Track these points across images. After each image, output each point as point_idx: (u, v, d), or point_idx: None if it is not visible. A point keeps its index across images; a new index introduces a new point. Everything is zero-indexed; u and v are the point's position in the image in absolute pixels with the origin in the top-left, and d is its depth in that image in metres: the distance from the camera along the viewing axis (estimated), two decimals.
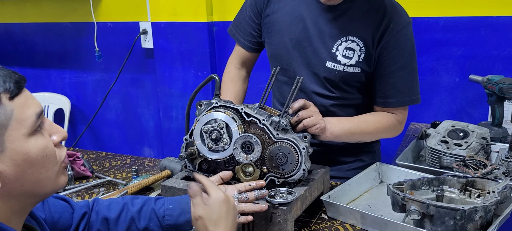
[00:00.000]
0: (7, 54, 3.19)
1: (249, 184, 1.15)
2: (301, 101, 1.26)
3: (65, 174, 0.83)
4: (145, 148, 3.00)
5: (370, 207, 1.33)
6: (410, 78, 1.42)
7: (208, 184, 1.02)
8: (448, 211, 1.09)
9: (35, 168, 0.75)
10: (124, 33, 2.77)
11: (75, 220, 1.03)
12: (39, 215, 0.91)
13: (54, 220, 0.98)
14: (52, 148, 0.78)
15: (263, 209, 1.09)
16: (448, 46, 2.13)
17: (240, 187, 1.14)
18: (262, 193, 1.12)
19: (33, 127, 0.75)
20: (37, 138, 0.76)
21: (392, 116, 1.45)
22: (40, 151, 0.75)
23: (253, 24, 1.54)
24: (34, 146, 0.75)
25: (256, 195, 1.11)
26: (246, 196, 1.11)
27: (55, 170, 0.79)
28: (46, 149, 0.77)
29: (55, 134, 0.80)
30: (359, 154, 1.57)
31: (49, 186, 0.79)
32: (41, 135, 0.77)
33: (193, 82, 2.61)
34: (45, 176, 0.77)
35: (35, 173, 0.75)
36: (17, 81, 0.75)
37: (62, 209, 1.01)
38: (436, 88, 2.20)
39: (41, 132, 0.77)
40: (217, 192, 0.99)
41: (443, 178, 1.25)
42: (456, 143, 1.53)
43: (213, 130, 1.20)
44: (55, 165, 0.78)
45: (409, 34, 1.39)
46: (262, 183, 1.16)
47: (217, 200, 0.98)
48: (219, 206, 0.97)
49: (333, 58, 1.40)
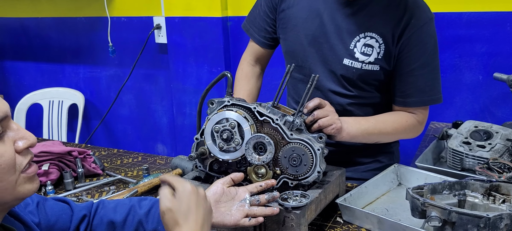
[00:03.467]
0: (23, 49, 3.22)
1: (260, 184, 1.11)
2: (317, 100, 1.22)
3: (33, 181, 0.78)
4: (159, 145, 3.00)
5: (387, 211, 1.29)
6: (432, 76, 1.38)
7: (174, 180, 0.96)
8: (471, 219, 1.04)
9: None
10: (138, 28, 2.77)
11: (74, 223, 1.00)
12: (31, 219, 0.88)
13: (50, 223, 0.96)
14: (9, 157, 0.74)
15: (275, 212, 1.06)
16: (472, 43, 2.09)
17: (251, 188, 1.10)
18: (274, 195, 1.08)
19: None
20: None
21: (412, 116, 1.41)
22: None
23: (268, 20, 1.51)
24: None
25: (267, 198, 1.08)
26: (258, 199, 1.07)
27: (11, 180, 0.74)
28: (1, 158, 0.72)
29: (20, 140, 0.76)
30: (377, 155, 1.54)
31: (6, 196, 0.74)
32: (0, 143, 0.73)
33: (207, 78, 2.60)
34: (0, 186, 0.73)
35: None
36: None
37: (60, 211, 0.98)
38: (458, 86, 2.16)
39: (0, 140, 0.73)
40: (184, 184, 0.93)
41: (466, 182, 1.21)
42: (479, 145, 1.49)
43: (225, 130, 1.17)
44: (11, 175, 0.74)
45: (432, 30, 1.35)
46: (273, 182, 1.13)
47: (185, 191, 0.92)
48: (188, 196, 0.91)
49: (350, 55, 1.36)
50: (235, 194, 1.08)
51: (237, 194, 1.08)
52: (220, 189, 1.06)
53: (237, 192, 1.08)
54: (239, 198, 1.07)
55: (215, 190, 1.06)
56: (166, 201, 0.91)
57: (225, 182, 1.08)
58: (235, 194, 1.08)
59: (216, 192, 1.06)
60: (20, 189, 0.75)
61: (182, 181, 0.95)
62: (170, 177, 0.98)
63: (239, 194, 1.08)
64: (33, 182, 0.78)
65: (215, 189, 1.06)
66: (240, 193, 1.08)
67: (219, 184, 1.07)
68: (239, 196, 1.07)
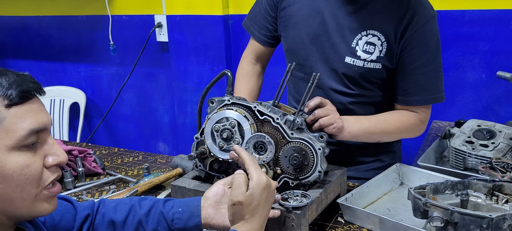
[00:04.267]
0: (24, 47, 3.21)
1: None
2: (318, 99, 1.21)
3: (51, 202, 0.77)
4: (160, 143, 2.99)
5: (389, 210, 1.28)
6: (434, 75, 1.36)
7: (249, 162, 0.95)
8: (474, 219, 1.03)
9: (8, 183, 0.71)
10: (139, 27, 2.76)
11: (78, 222, 0.99)
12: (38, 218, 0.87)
13: (55, 222, 0.95)
14: (37, 170, 0.73)
15: (276, 215, 1.05)
16: (475, 41, 2.07)
17: None
18: (274, 197, 1.06)
19: (21, 142, 0.71)
20: (22, 154, 0.72)
21: (414, 115, 1.40)
22: (18, 168, 0.71)
23: (268, 18, 1.50)
24: (14, 161, 0.71)
25: None
26: None
27: (32, 192, 0.73)
28: (27, 168, 0.72)
29: (52, 156, 0.76)
30: (379, 154, 1.53)
31: (23, 208, 0.74)
32: (30, 152, 0.73)
33: (208, 77, 2.59)
34: (19, 196, 0.72)
35: (7, 189, 0.71)
36: (25, 91, 0.71)
37: (64, 210, 0.97)
38: (460, 85, 2.14)
39: (33, 150, 0.73)
40: (259, 175, 0.92)
41: (468, 182, 1.20)
42: (482, 144, 1.48)
43: (225, 129, 1.16)
44: (34, 188, 0.73)
45: (434, 28, 1.34)
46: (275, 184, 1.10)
47: (259, 185, 0.91)
48: (261, 192, 0.91)
49: (352, 53, 1.35)
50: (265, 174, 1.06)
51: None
52: (221, 190, 1.05)
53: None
54: None
55: (216, 191, 1.05)
56: (239, 194, 0.91)
57: (226, 183, 1.07)
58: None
59: (217, 193, 1.04)
60: (37, 205, 0.75)
61: (258, 168, 0.94)
62: (245, 155, 0.97)
63: None
64: (51, 202, 0.78)
65: (216, 190, 1.05)
66: None
67: (220, 185, 1.06)
68: None
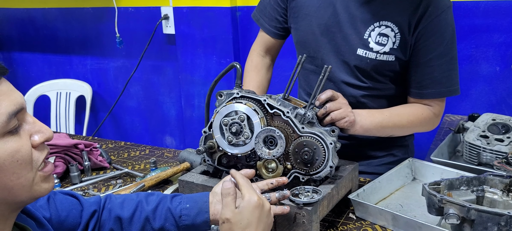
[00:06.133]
0: (30, 40, 3.20)
1: (271, 182, 1.07)
2: (329, 92, 1.18)
3: (49, 180, 0.74)
4: (167, 137, 2.97)
5: (402, 206, 1.25)
6: (449, 67, 1.33)
7: (243, 183, 0.94)
8: (492, 216, 1.00)
9: (3, 174, 0.67)
10: (145, 19, 2.74)
11: (84, 219, 0.97)
12: (43, 214, 0.85)
13: (61, 218, 0.93)
14: (27, 152, 0.69)
15: (285, 211, 1.02)
16: (489, 33, 2.04)
17: (262, 185, 1.07)
18: (284, 194, 1.04)
19: (3, 129, 0.66)
20: (7, 141, 0.67)
21: (428, 108, 1.37)
22: (8, 155, 0.67)
23: (278, 9, 1.47)
24: (2, 149, 0.66)
25: (278, 197, 1.04)
26: (269, 197, 1.04)
27: (29, 177, 0.70)
28: (17, 153, 0.68)
29: (37, 134, 0.72)
30: (391, 148, 1.50)
31: (23, 194, 0.70)
32: (15, 136, 0.68)
33: (216, 69, 2.56)
34: (16, 183, 0.68)
35: (3, 179, 0.67)
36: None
37: (70, 206, 0.95)
38: (474, 77, 2.11)
39: (16, 133, 0.68)
40: (251, 195, 0.91)
41: (484, 178, 1.17)
42: (497, 138, 1.45)
43: (234, 123, 1.13)
44: (29, 171, 0.70)
45: (449, 19, 1.30)
46: (284, 180, 1.09)
47: (250, 204, 0.90)
48: (251, 211, 0.90)
49: (365, 45, 1.32)
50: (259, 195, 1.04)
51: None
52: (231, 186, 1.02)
53: None
54: None
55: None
56: (228, 211, 0.91)
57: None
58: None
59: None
60: (36, 187, 0.72)
61: (250, 188, 0.94)
62: (239, 176, 0.97)
63: None
64: (49, 181, 0.75)
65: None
66: None
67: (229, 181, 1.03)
68: None
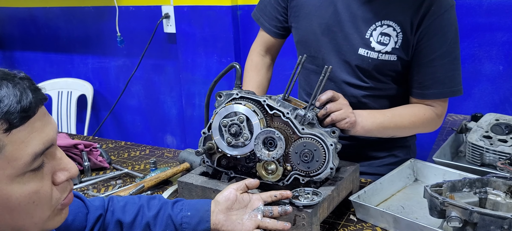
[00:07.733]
0: (31, 39, 3.20)
1: (274, 194, 1.04)
2: (330, 93, 1.17)
3: (62, 213, 0.71)
4: (168, 136, 2.97)
5: (403, 208, 1.24)
6: (452, 67, 1.31)
7: None
8: (495, 220, 0.99)
9: (15, 214, 0.64)
10: (146, 18, 2.73)
11: (90, 222, 0.96)
12: None
13: (68, 222, 0.91)
14: (46, 194, 0.66)
15: (286, 228, 1.00)
16: (492, 31, 2.02)
17: (265, 197, 1.04)
18: (286, 209, 1.02)
19: (25, 169, 0.62)
20: (27, 181, 0.63)
21: (430, 109, 1.36)
22: (26, 197, 0.63)
23: (279, 8, 1.46)
24: (18, 190, 0.62)
25: (280, 211, 1.02)
26: (271, 211, 1.02)
27: (44, 216, 0.67)
28: (36, 194, 0.64)
29: (61, 171, 0.68)
30: (392, 149, 1.49)
31: (33, 229, 0.67)
32: (37, 176, 0.64)
33: (217, 68, 2.55)
34: (29, 222, 0.65)
35: (15, 218, 0.64)
36: (26, 108, 0.61)
37: (76, 209, 0.94)
38: (477, 77, 2.09)
39: (38, 172, 0.65)
40: None
41: (487, 179, 1.15)
42: (500, 139, 1.43)
43: (233, 124, 1.12)
44: (45, 211, 0.66)
45: (453, 18, 1.29)
46: (288, 194, 1.05)
47: None
48: None
49: (366, 44, 1.31)
50: (248, 201, 1.02)
51: (250, 202, 1.02)
52: (233, 195, 1.01)
53: (250, 200, 1.03)
54: (252, 206, 1.02)
55: (227, 195, 1.01)
56: None
57: (239, 188, 1.03)
58: (248, 201, 1.02)
59: (228, 198, 1.01)
60: (49, 222, 0.69)
61: None
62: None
63: (253, 202, 1.02)
64: (63, 213, 0.72)
65: (227, 195, 1.01)
66: (253, 201, 1.02)
67: (232, 190, 1.02)
68: (253, 204, 1.02)
